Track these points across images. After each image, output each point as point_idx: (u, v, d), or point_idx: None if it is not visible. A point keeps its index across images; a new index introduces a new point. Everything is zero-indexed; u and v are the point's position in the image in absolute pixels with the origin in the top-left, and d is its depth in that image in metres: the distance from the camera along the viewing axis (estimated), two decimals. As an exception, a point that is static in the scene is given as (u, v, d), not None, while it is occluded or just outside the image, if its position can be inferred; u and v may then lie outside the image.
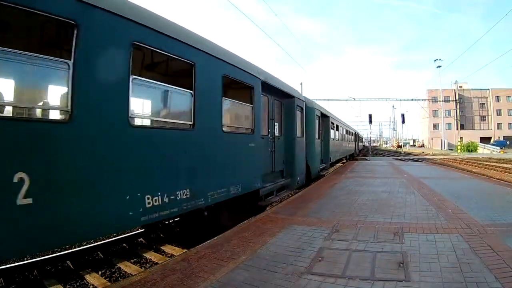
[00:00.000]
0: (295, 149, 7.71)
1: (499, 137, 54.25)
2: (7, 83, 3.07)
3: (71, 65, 2.54)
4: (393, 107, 69.81)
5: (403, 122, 31.80)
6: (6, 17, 2.67)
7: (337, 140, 15.84)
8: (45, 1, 2.40)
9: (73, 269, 4.19)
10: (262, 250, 3.55)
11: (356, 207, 5.76)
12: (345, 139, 19.62)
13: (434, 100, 53.93)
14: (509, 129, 57.90)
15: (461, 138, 38.69)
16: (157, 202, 3.25)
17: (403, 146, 45.57)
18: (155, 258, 4.65)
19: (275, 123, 7.07)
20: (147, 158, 3.23)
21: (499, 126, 58.81)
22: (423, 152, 42.06)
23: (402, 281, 2.68)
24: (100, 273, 4.12)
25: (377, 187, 8.21)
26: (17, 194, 2.19)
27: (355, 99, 42.99)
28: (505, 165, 17.86)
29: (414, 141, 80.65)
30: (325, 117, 12.62)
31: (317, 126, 10.50)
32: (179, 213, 3.63)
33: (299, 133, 8.21)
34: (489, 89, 59.86)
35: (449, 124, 56.46)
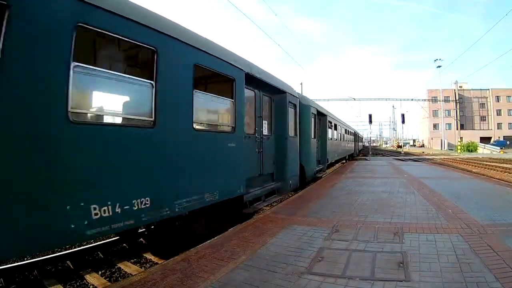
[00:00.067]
0: (287, 149, 7.14)
1: (499, 137, 54.26)
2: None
3: None
4: (393, 107, 69.96)
5: (403, 122, 31.81)
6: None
7: (336, 140, 15.45)
8: None
9: (73, 269, 4.19)
10: (262, 250, 3.55)
11: (356, 207, 5.76)
12: (344, 139, 19.18)
13: (434, 100, 53.94)
14: (509, 129, 57.92)
15: (461, 138, 38.70)
16: (106, 213, 2.77)
17: (403, 146, 45.56)
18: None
19: (263, 121, 6.51)
20: (91, 161, 2.72)
21: (499, 126, 58.83)
22: (423, 152, 42.06)
23: (402, 281, 2.68)
24: (100, 273, 4.12)
25: (377, 187, 8.21)
26: None
27: (355, 99, 43.01)
28: (505, 165, 17.86)
29: (414, 141, 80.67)
30: (322, 116, 12.23)
31: (313, 125, 10.05)
32: (137, 225, 3.16)
33: (291, 132, 7.67)
34: (489, 89, 59.89)
35: (449, 124, 56.48)
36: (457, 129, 44.09)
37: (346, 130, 20.85)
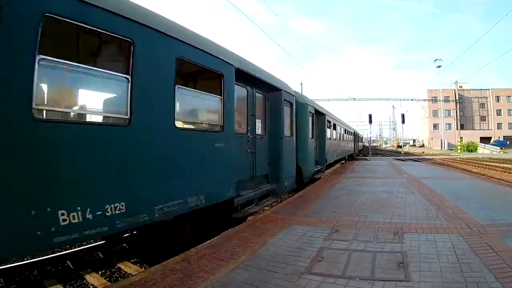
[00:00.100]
0: (282, 150, 6.78)
1: (499, 137, 54.27)
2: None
3: None
4: (393, 107, 69.95)
5: (403, 122, 31.86)
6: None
7: (334, 140, 15.07)
8: None
9: (73, 269, 4.19)
10: (262, 250, 3.55)
11: (356, 207, 5.76)
12: (343, 139, 18.79)
13: (434, 100, 53.96)
14: (509, 129, 57.93)
15: (461, 138, 38.71)
16: (75, 219, 2.56)
17: (403, 146, 45.58)
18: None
19: (256, 120, 6.14)
20: (58, 162, 2.53)
21: (499, 126, 58.85)
22: (423, 152, 42.07)
23: (402, 281, 2.68)
24: (100, 273, 4.12)
25: (377, 187, 8.21)
26: None
27: (355, 99, 43.04)
28: (505, 165, 17.86)
29: (414, 141, 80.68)
30: (320, 115, 11.88)
31: (310, 124, 9.69)
32: (111, 232, 2.97)
33: (287, 131, 7.30)
34: (489, 89, 59.89)
35: (449, 124, 56.48)
36: (457, 129, 44.11)
37: (345, 129, 20.49)
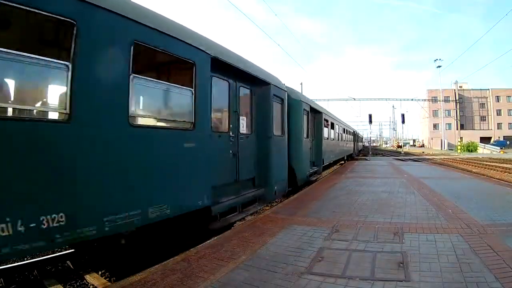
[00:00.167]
0: (271, 150, 6.18)
1: (499, 137, 54.27)
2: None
3: None
4: (393, 107, 69.91)
5: (403, 122, 31.89)
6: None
7: (332, 140, 14.47)
8: None
9: (73, 269, 4.19)
10: (262, 250, 3.55)
11: (356, 207, 5.76)
12: (342, 139, 18.14)
13: (434, 100, 53.97)
14: (509, 129, 57.95)
15: (461, 138, 38.71)
16: (5, 231, 2.26)
17: (403, 146, 45.57)
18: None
19: (240, 117, 5.55)
20: None
21: (499, 126, 58.86)
22: (423, 152, 42.07)
23: (402, 281, 2.68)
24: (100, 273, 4.12)
25: (377, 187, 8.21)
26: None
27: (355, 99, 43.06)
28: (505, 165, 17.86)
29: (414, 141, 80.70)
30: (317, 113, 11.27)
31: (305, 123, 9.11)
32: (51, 247, 2.68)
33: (277, 130, 6.67)
34: (489, 89, 59.91)
35: (449, 124, 56.49)
36: (457, 129, 44.11)
37: (344, 129, 19.83)
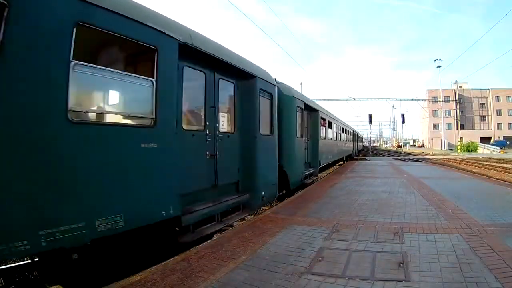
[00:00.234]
0: (257, 151, 5.52)
1: (499, 137, 54.27)
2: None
3: None
4: (393, 107, 69.92)
5: (403, 122, 31.94)
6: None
7: (330, 140, 13.86)
8: None
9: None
10: (262, 250, 3.55)
11: (356, 207, 5.76)
12: (340, 138, 17.57)
13: (434, 100, 53.97)
14: (509, 129, 57.93)
15: (461, 138, 38.71)
16: None
17: (403, 146, 45.60)
18: None
19: (219, 113, 4.96)
20: None
21: (499, 126, 58.85)
22: (423, 152, 42.08)
23: (402, 281, 2.68)
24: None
25: (377, 187, 8.21)
26: None
27: (355, 99, 43.06)
28: (505, 165, 17.85)
29: (414, 141, 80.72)
30: (313, 111, 10.66)
31: (299, 121, 8.50)
32: None
33: (265, 129, 6.03)
34: (489, 89, 59.89)
35: (449, 124, 56.48)
36: (457, 129, 44.12)
37: (343, 128, 19.15)
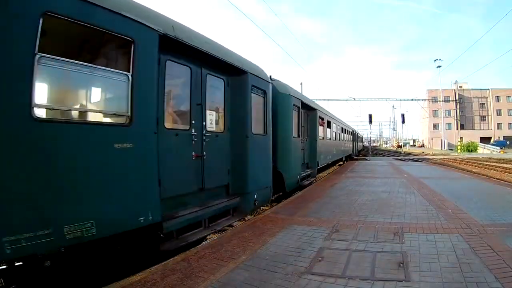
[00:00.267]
0: (249, 152, 5.20)
1: (499, 137, 54.26)
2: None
3: None
4: (393, 107, 69.87)
5: (403, 122, 31.89)
6: None
7: (329, 140, 13.49)
8: None
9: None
10: (262, 250, 3.55)
11: (356, 207, 5.76)
12: (340, 138, 17.15)
13: (434, 100, 53.96)
14: (509, 129, 57.93)
15: (461, 138, 38.71)
16: None
17: (403, 146, 45.63)
18: None
19: (207, 111, 4.63)
20: None
21: (499, 126, 58.84)
22: (423, 152, 42.08)
23: (402, 281, 2.68)
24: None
25: (377, 187, 8.21)
26: None
27: (355, 99, 43.03)
28: (505, 165, 17.84)
29: (414, 141, 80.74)
30: (311, 110, 10.39)
31: (295, 120, 8.17)
32: None
33: (257, 128, 5.71)
34: (489, 89, 59.88)
35: (449, 124, 56.48)
36: (457, 129, 44.12)
37: (342, 128, 18.73)
